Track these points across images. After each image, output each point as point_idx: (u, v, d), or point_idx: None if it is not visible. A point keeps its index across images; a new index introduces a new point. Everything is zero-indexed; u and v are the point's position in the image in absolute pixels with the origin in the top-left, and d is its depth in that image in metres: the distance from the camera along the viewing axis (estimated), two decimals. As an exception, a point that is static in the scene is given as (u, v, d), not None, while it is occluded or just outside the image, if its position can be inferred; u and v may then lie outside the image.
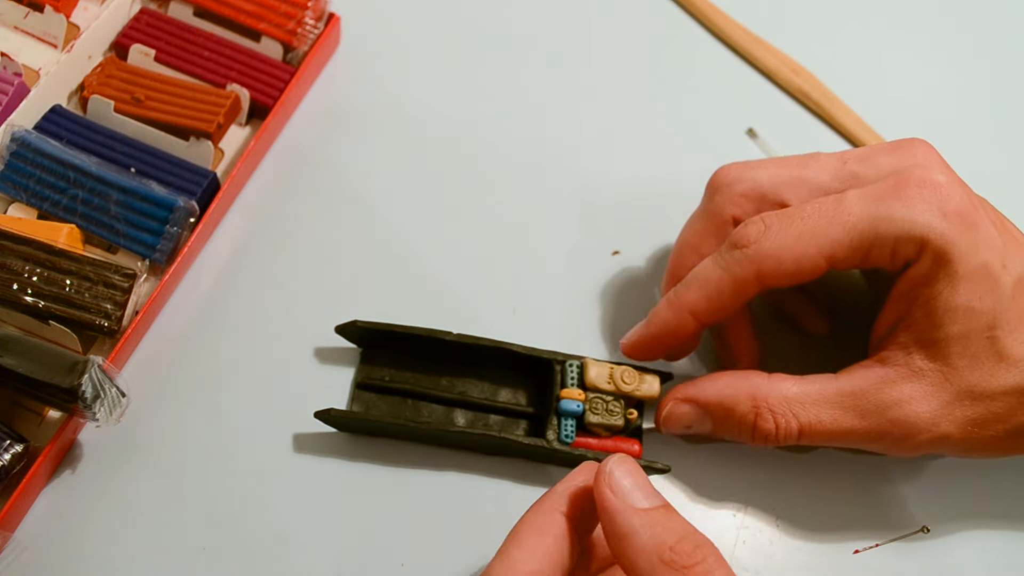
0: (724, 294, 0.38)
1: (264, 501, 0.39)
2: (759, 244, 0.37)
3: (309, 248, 0.46)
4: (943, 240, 0.36)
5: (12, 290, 0.39)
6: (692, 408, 0.39)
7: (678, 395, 0.40)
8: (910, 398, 0.37)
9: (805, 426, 0.37)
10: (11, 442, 0.37)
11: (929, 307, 0.37)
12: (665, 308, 0.40)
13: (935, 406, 0.37)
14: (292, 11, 0.49)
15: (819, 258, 0.37)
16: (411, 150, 0.50)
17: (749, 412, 0.38)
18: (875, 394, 0.37)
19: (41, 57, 0.46)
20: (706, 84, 0.54)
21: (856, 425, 0.37)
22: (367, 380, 0.42)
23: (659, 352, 0.41)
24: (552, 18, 0.56)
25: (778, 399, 0.38)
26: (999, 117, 0.55)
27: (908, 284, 0.37)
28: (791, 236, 0.37)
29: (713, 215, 0.41)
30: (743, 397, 0.38)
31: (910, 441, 0.37)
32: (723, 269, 0.38)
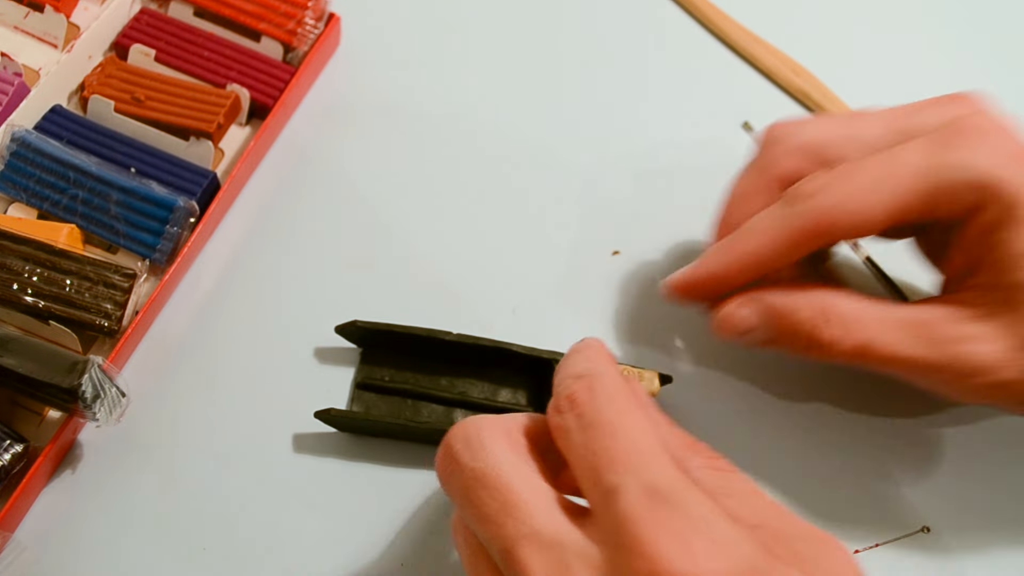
0: (780, 247, 0.37)
1: (264, 501, 0.39)
2: (820, 196, 0.37)
3: (309, 248, 0.46)
4: (1010, 183, 0.35)
5: (12, 290, 0.39)
6: (753, 310, 0.38)
7: (743, 298, 0.38)
8: (975, 337, 0.36)
9: (864, 343, 0.36)
10: (11, 442, 0.37)
11: (998, 253, 0.36)
12: (719, 252, 0.39)
13: (1001, 348, 0.36)
14: (292, 11, 0.49)
15: (880, 210, 0.36)
16: (411, 150, 0.50)
17: (810, 319, 0.37)
18: (941, 327, 0.36)
19: (41, 57, 0.46)
20: (706, 84, 0.54)
21: (916, 354, 0.36)
22: (367, 380, 0.42)
23: (704, 295, 0.40)
24: (552, 18, 0.56)
25: (842, 311, 0.37)
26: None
27: (978, 229, 0.36)
28: (852, 188, 0.36)
29: (765, 168, 0.40)
30: (806, 304, 0.37)
31: (969, 381, 0.36)
32: (782, 221, 0.37)
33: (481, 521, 0.29)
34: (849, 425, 0.43)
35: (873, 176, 0.36)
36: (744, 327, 0.39)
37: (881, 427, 0.43)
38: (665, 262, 0.47)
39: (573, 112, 0.52)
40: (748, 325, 0.39)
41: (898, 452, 0.43)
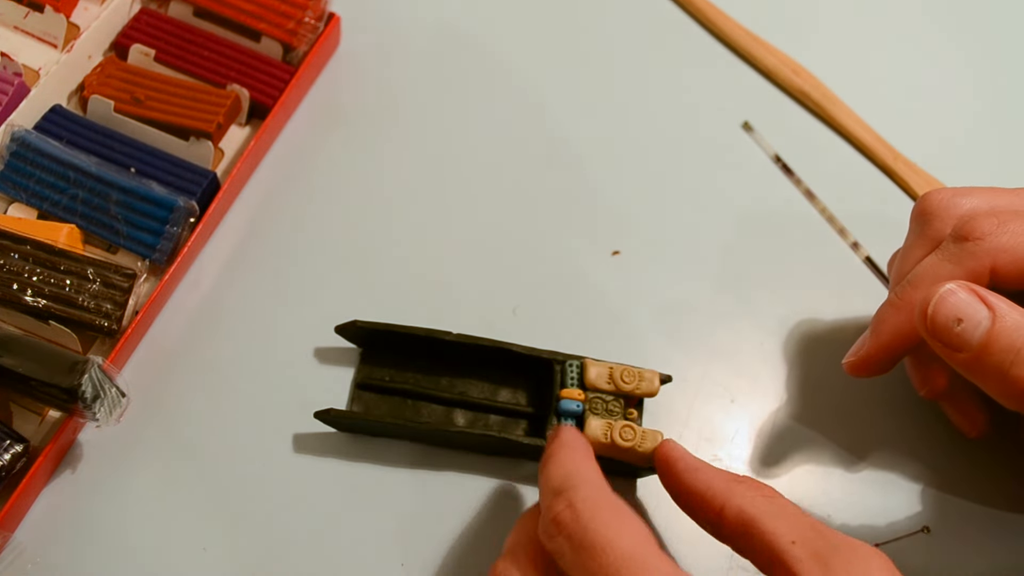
0: None
1: (264, 501, 0.39)
2: (995, 237, 0.35)
3: (309, 248, 0.46)
4: None
5: (12, 290, 0.39)
6: (975, 301, 0.33)
7: (960, 283, 0.34)
8: None
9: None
10: (11, 442, 0.37)
11: None
12: (892, 313, 0.37)
13: None
14: (292, 11, 0.49)
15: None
16: (410, 150, 0.50)
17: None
18: None
19: (41, 57, 0.46)
20: (706, 84, 0.54)
21: None
22: (367, 380, 0.42)
23: (890, 364, 0.38)
24: (552, 19, 0.56)
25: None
26: (1002, 117, 0.55)
27: None
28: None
29: (932, 241, 0.38)
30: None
31: None
32: (954, 262, 0.35)
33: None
34: (849, 424, 0.43)
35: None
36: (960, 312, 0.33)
37: (881, 426, 0.43)
38: (665, 261, 0.47)
39: (573, 112, 0.52)
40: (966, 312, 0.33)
41: (898, 452, 0.43)
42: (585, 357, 0.41)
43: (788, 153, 0.51)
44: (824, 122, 0.53)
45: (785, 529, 0.31)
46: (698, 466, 0.35)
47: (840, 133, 0.53)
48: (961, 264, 0.35)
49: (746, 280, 0.47)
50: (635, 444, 0.38)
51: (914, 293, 0.36)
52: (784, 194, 0.50)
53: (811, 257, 0.48)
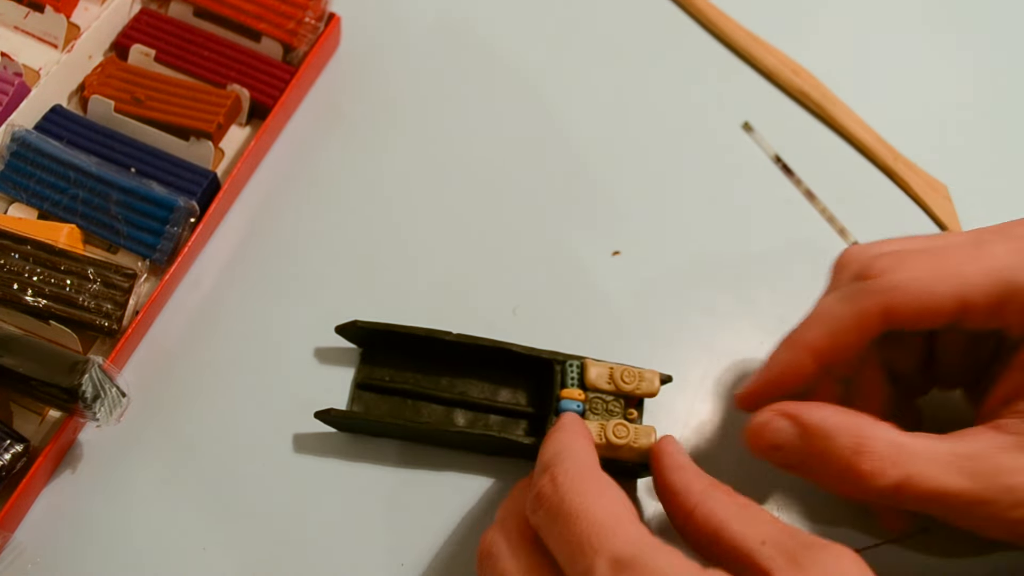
0: (847, 329, 0.35)
1: (264, 501, 0.39)
2: (890, 275, 0.35)
3: (309, 248, 0.46)
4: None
5: (12, 290, 0.39)
6: (790, 425, 0.35)
7: (779, 408, 0.35)
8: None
9: (905, 479, 0.33)
10: (11, 442, 0.37)
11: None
12: (782, 349, 0.37)
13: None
14: (292, 11, 0.49)
15: (952, 298, 0.34)
16: (411, 150, 0.50)
17: (849, 447, 0.33)
18: (990, 458, 0.33)
19: (41, 57, 0.46)
20: (706, 84, 0.54)
21: (964, 487, 0.33)
22: (367, 380, 0.42)
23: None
24: (553, 19, 0.56)
25: (884, 443, 0.33)
26: (1001, 117, 0.55)
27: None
28: (924, 270, 0.35)
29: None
30: (846, 430, 0.34)
31: (1017, 511, 0.33)
32: (846, 302, 0.35)
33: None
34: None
35: (951, 260, 0.35)
36: (776, 441, 0.35)
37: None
38: (665, 262, 0.47)
39: (573, 111, 0.52)
40: (781, 440, 0.35)
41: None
42: (585, 357, 0.41)
43: (788, 153, 0.51)
44: (824, 122, 0.53)
45: (753, 532, 0.31)
46: (682, 464, 0.35)
47: (840, 133, 0.53)
48: (854, 303, 0.35)
49: (746, 280, 0.47)
50: (629, 441, 0.38)
51: (806, 333, 0.36)
52: (784, 194, 0.50)
53: (811, 257, 0.48)
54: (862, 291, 0.35)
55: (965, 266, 0.35)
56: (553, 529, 0.31)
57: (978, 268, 0.34)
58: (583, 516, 0.30)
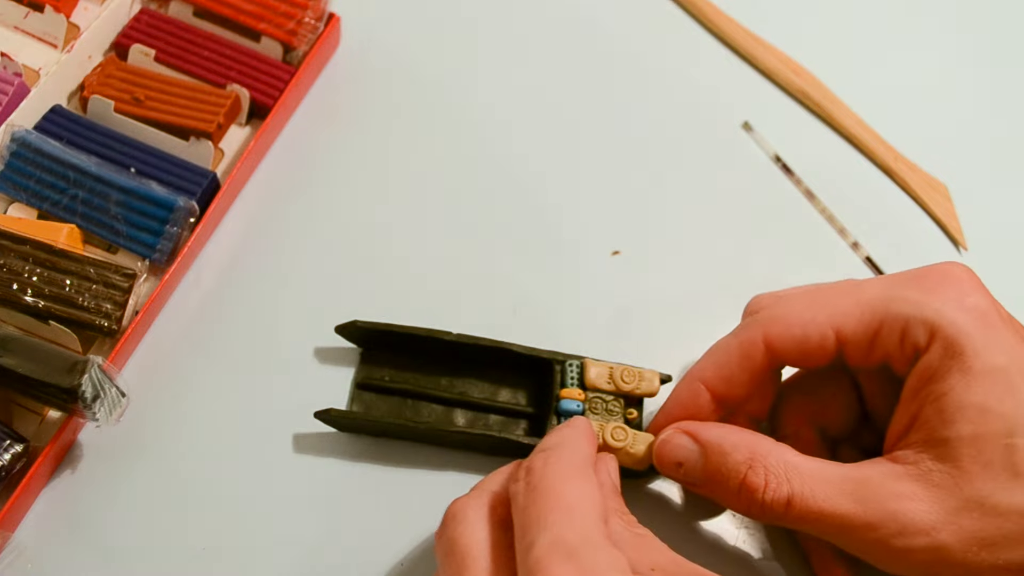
0: (732, 358, 0.37)
1: (264, 501, 0.39)
2: (770, 309, 0.37)
3: (309, 248, 0.46)
4: (955, 329, 0.34)
5: (12, 290, 0.39)
6: (690, 442, 0.37)
7: (680, 426, 0.38)
8: (913, 495, 0.34)
9: (797, 496, 0.34)
10: (11, 442, 0.37)
11: (940, 403, 0.34)
12: (680, 383, 0.39)
13: (938, 509, 0.33)
14: (292, 11, 0.49)
15: (827, 328, 0.36)
16: (411, 150, 0.50)
17: (743, 462, 0.35)
18: (878, 484, 0.34)
19: (41, 57, 0.46)
20: (705, 84, 0.54)
21: (850, 511, 0.34)
22: (367, 380, 0.42)
23: None
24: (552, 18, 0.56)
25: (777, 461, 0.35)
26: (1001, 117, 0.55)
27: (919, 379, 0.35)
28: (802, 304, 0.37)
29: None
30: (743, 446, 0.36)
31: (903, 541, 0.34)
32: (732, 335, 0.38)
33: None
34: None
35: (826, 296, 0.37)
36: (677, 457, 0.37)
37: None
38: (665, 262, 0.47)
39: (573, 111, 0.52)
40: (681, 456, 0.37)
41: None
42: (585, 357, 0.41)
43: (788, 153, 0.51)
44: (824, 122, 0.53)
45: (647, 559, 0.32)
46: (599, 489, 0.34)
47: (840, 133, 0.53)
48: (737, 335, 0.38)
49: (746, 280, 0.47)
50: (626, 445, 0.38)
51: (698, 365, 0.38)
52: (784, 194, 0.50)
53: (811, 257, 0.49)
54: (745, 324, 0.38)
55: (839, 300, 0.37)
56: (523, 500, 0.32)
57: (851, 301, 0.37)
58: (552, 496, 0.31)
